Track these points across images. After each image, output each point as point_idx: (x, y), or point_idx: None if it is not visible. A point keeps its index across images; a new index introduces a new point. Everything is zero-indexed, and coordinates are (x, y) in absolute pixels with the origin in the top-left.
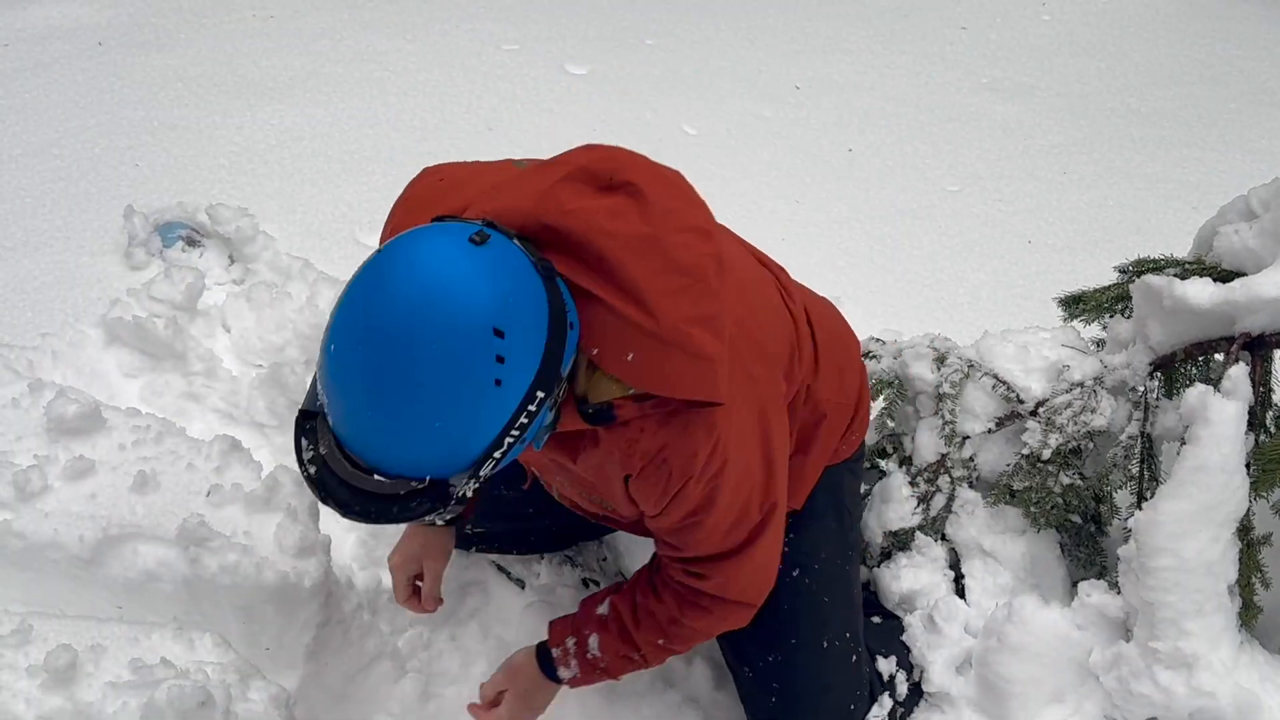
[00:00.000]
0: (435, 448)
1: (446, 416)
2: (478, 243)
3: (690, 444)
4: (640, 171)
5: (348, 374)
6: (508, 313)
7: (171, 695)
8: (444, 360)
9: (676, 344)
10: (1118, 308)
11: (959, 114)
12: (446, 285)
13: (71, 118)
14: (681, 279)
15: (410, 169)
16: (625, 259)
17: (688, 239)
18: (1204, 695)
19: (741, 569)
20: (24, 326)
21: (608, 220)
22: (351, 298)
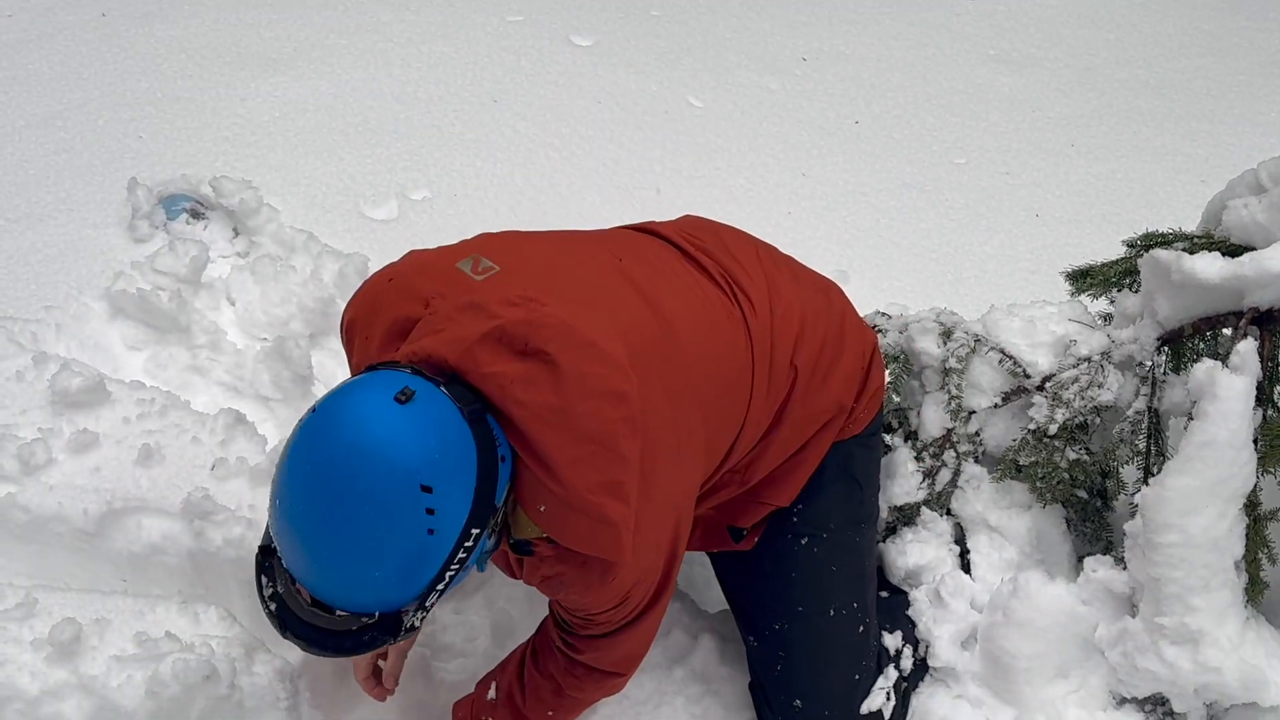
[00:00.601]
0: (379, 590)
1: (385, 565)
2: (402, 401)
3: (587, 579)
4: (555, 339)
5: (293, 522)
6: (434, 468)
7: (176, 668)
8: (377, 517)
9: (580, 510)
10: (1125, 282)
11: (966, 86)
12: (375, 447)
13: (75, 89)
14: (589, 447)
15: (414, 141)
16: (535, 428)
17: (598, 406)
18: (1209, 670)
19: (614, 648)
20: (28, 299)
21: (521, 389)
22: (295, 450)
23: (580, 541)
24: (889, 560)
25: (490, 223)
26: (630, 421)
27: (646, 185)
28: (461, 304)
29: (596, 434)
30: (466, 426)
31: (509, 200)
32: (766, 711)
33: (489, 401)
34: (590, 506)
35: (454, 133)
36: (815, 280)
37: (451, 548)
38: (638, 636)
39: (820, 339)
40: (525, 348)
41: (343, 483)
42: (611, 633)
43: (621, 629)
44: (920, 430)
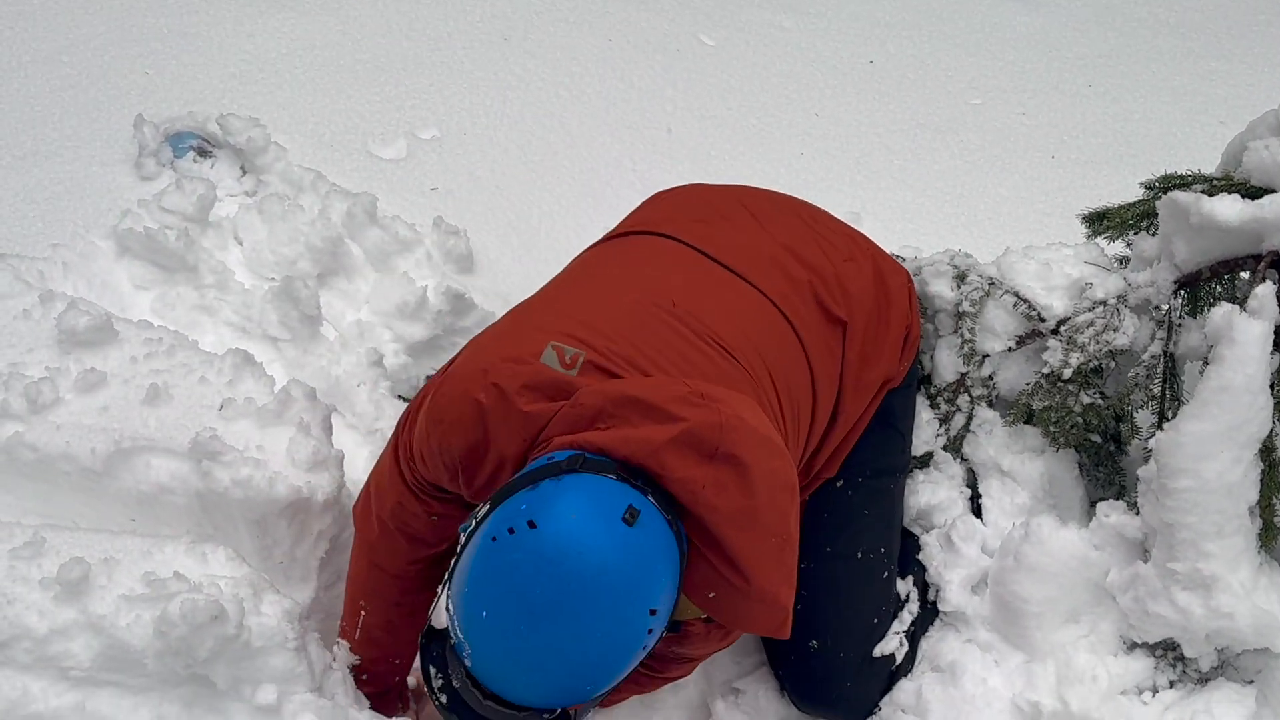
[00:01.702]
0: (578, 692)
1: (598, 675)
2: (630, 523)
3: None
4: (742, 441)
5: (506, 639)
6: (660, 592)
7: (185, 609)
8: (608, 638)
9: (760, 601)
10: (1143, 225)
11: (982, 25)
12: (616, 574)
13: (81, 24)
14: (773, 541)
15: (423, 79)
16: (728, 532)
17: (779, 500)
18: (1222, 616)
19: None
20: (34, 237)
21: (712, 493)
22: (507, 571)
23: (749, 625)
24: None
25: (499, 162)
26: (798, 506)
27: (658, 125)
28: (617, 398)
29: (779, 529)
30: (674, 540)
31: (519, 140)
32: (782, 651)
33: (677, 503)
34: (769, 596)
35: (463, 71)
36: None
37: (648, 651)
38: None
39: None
40: (715, 452)
41: (577, 611)
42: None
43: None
44: (934, 374)
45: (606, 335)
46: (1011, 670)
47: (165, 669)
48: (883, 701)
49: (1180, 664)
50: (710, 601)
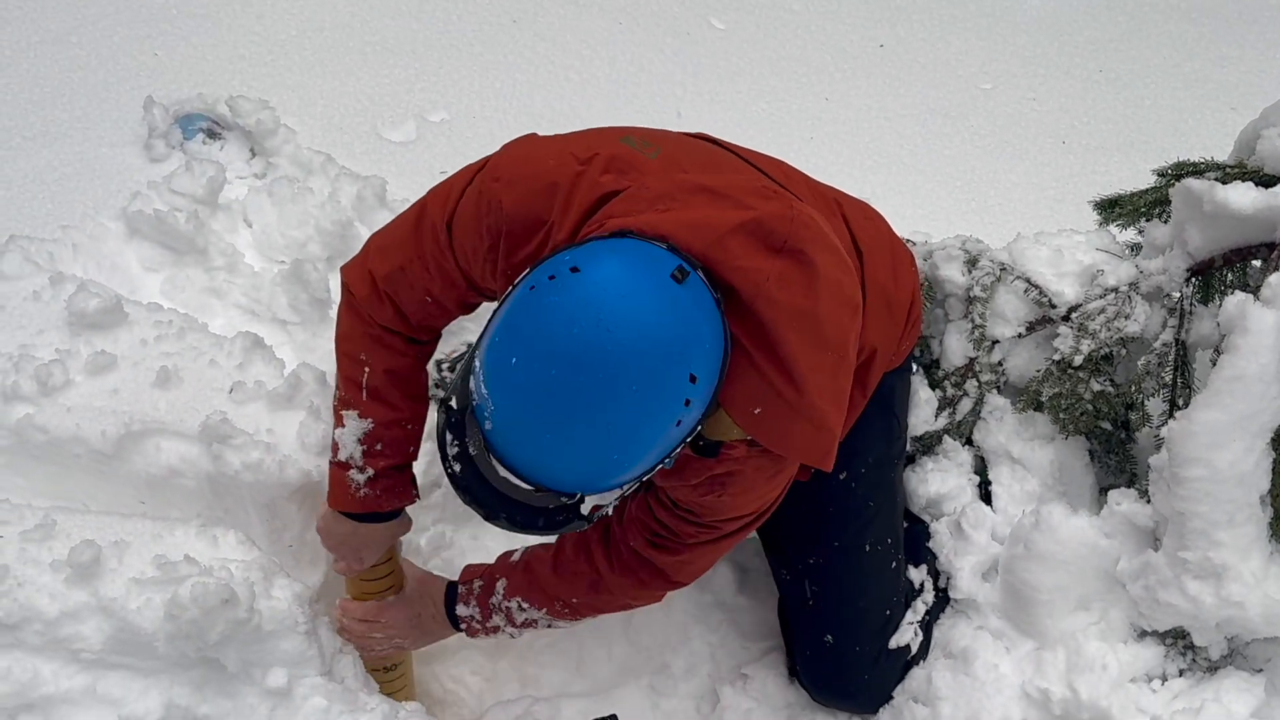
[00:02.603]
0: (601, 471)
1: (625, 450)
2: (679, 280)
3: (756, 480)
4: (814, 238)
5: (530, 391)
6: (702, 359)
7: (195, 592)
8: (641, 401)
9: (809, 418)
10: (1155, 212)
11: (993, 9)
12: (655, 324)
13: (90, 5)
14: (830, 356)
15: (432, 62)
16: (784, 331)
17: (841, 314)
18: (1232, 605)
19: (705, 556)
20: (44, 218)
21: (776, 288)
22: (543, 316)
23: (793, 448)
24: (910, 488)
25: None
26: (858, 334)
27: (667, 108)
28: (688, 185)
29: (837, 343)
30: (720, 320)
31: (528, 123)
32: (797, 645)
33: (735, 295)
34: (819, 415)
35: (473, 53)
36: (862, 208)
37: (681, 440)
38: (725, 550)
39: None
40: (784, 245)
41: (615, 357)
42: (715, 539)
43: (723, 538)
44: (943, 359)
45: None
46: (1022, 657)
47: (176, 652)
48: (895, 690)
49: (1190, 652)
50: (755, 419)
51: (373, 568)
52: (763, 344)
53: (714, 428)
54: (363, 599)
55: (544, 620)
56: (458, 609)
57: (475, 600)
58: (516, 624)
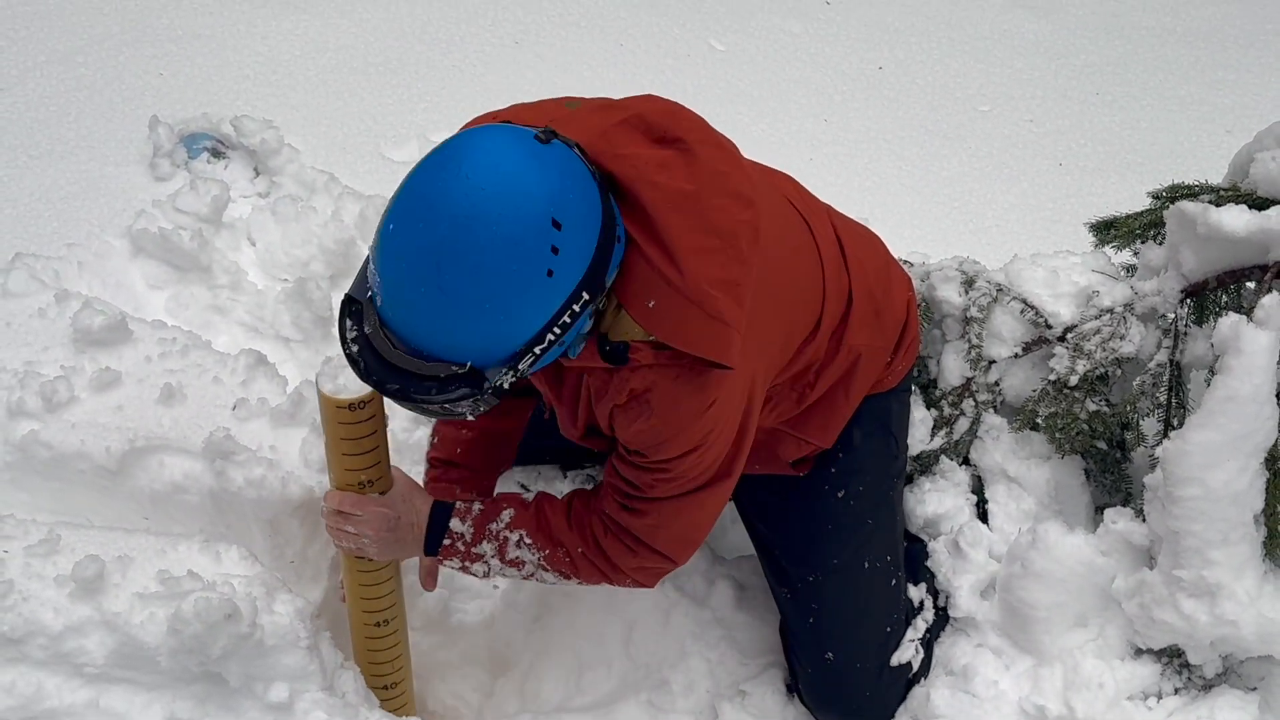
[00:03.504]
0: (481, 332)
1: (497, 299)
2: (542, 141)
3: (677, 395)
4: (694, 131)
5: (405, 252)
6: (566, 208)
7: (198, 607)
8: (502, 244)
9: (697, 302)
10: (1150, 234)
11: (991, 32)
12: (511, 173)
13: (96, 25)
14: (714, 240)
15: (435, 82)
16: (664, 212)
17: (727, 204)
18: (1226, 623)
19: (676, 517)
20: (49, 236)
21: (655, 171)
22: (415, 180)
23: (689, 340)
24: (908, 509)
25: None
26: (753, 228)
27: None
28: (592, 107)
29: (724, 229)
30: (595, 188)
31: None
32: (798, 663)
33: (618, 184)
34: (707, 300)
35: (475, 74)
36: (856, 226)
37: (562, 303)
38: (700, 510)
39: (874, 268)
40: (664, 135)
41: (473, 205)
42: (677, 496)
43: (687, 494)
44: (940, 379)
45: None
46: (1020, 674)
47: (178, 666)
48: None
49: (1185, 671)
50: (650, 313)
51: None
52: (647, 231)
53: (618, 328)
54: (344, 490)
55: (534, 564)
56: (451, 523)
57: (472, 520)
58: (505, 559)
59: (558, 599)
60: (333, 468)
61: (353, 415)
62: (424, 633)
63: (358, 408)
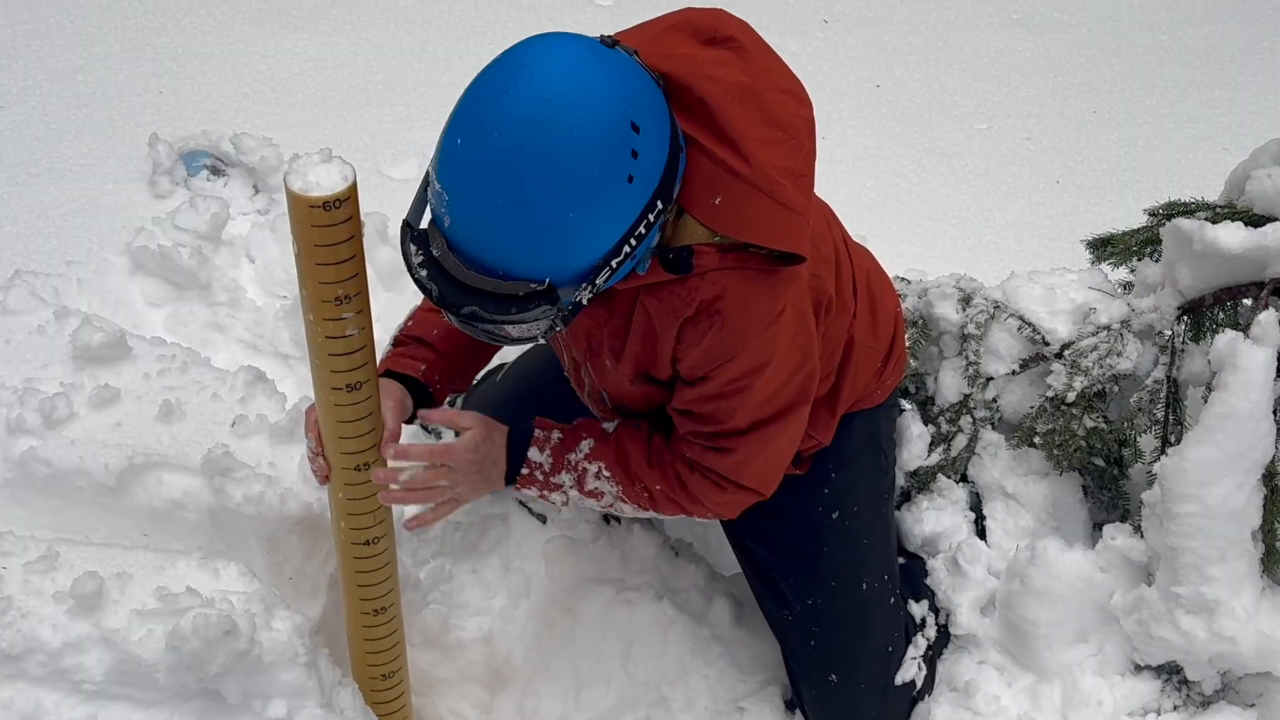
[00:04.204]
0: (562, 245)
1: (580, 209)
2: (608, 44)
3: (750, 298)
4: (742, 30)
5: (478, 165)
6: (641, 110)
7: (197, 623)
8: (585, 149)
9: (766, 190)
10: (1147, 251)
11: (988, 50)
12: (586, 77)
13: (96, 43)
14: (778, 132)
15: (434, 99)
16: (725, 104)
17: (785, 99)
18: (1224, 640)
19: (765, 447)
20: (49, 254)
21: (712, 67)
22: (481, 91)
23: (760, 231)
24: (906, 528)
25: None
26: (810, 123)
27: None
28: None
29: (785, 122)
30: (659, 90)
31: None
32: (802, 685)
33: (674, 84)
34: (777, 187)
35: None
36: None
37: (640, 211)
38: (784, 435)
39: (868, 274)
40: (714, 35)
41: (551, 110)
42: (760, 424)
43: (769, 421)
44: (937, 395)
45: None
46: (1020, 690)
47: (177, 683)
48: None
49: (1184, 687)
50: (716, 210)
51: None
52: (706, 123)
53: (680, 234)
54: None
55: (612, 495)
56: (530, 452)
57: (550, 450)
58: (584, 489)
59: (556, 615)
60: (305, 284)
61: (327, 216)
62: (422, 649)
63: (333, 206)
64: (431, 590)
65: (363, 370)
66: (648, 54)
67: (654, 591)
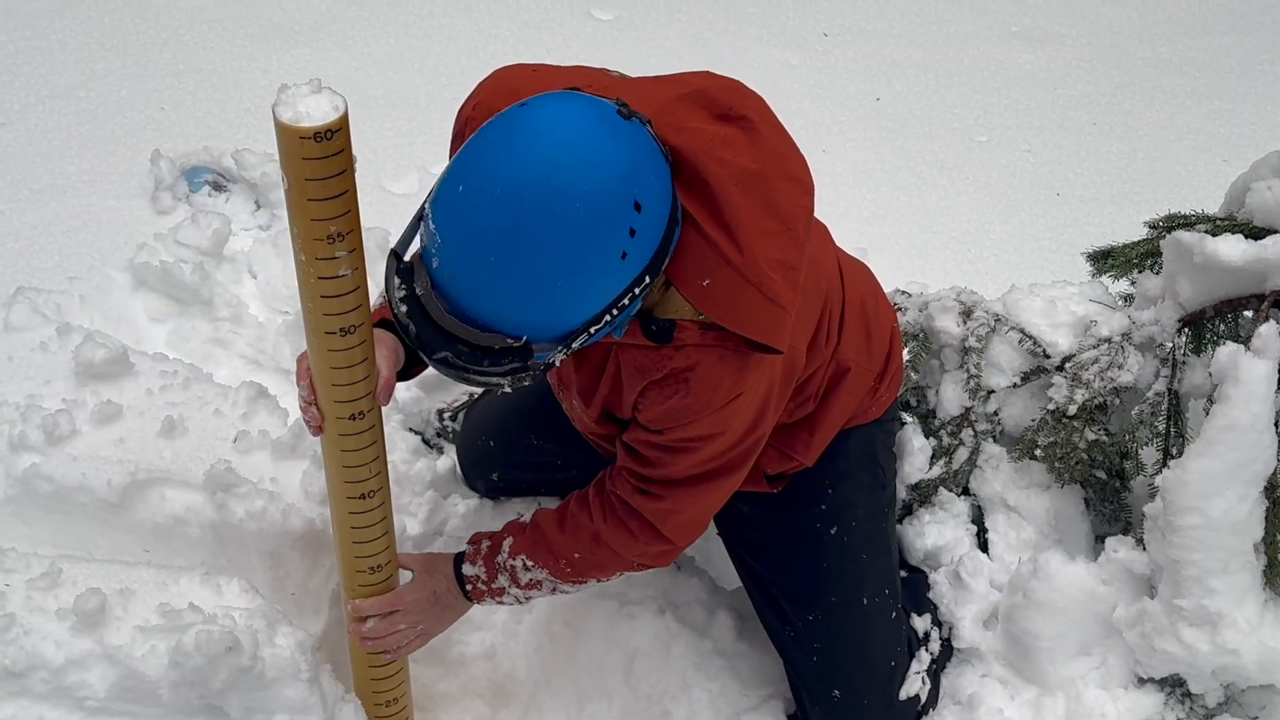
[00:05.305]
0: (546, 308)
1: (568, 278)
2: (624, 116)
3: (719, 375)
4: (757, 110)
5: (477, 222)
6: (645, 189)
7: (199, 639)
8: (585, 221)
9: (755, 283)
10: (1147, 263)
11: (988, 63)
12: (599, 149)
13: (98, 60)
14: (775, 223)
15: (434, 115)
16: (728, 190)
17: (789, 187)
18: (1227, 653)
19: (694, 502)
20: (51, 270)
21: (720, 148)
22: (493, 142)
23: (743, 321)
24: (907, 541)
25: None
26: (809, 214)
27: None
28: (647, 79)
29: (784, 212)
30: (666, 166)
31: None
32: (805, 702)
33: (680, 159)
34: (765, 281)
35: None
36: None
37: (627, 285)
38: (714, 495)
39: (864, 295)
40: (728, 112)
41: (559, 178)
42: (694, 478)
43: (704, 478)
44: (938, 409)
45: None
46: (1024, 704)
47: (180, 699)
48: None
49: (1188, 700)
50: (704, 291)
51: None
52: (708, 207)
53: (665, 306)
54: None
55: (549, 582)
56: (464, 569)
57: (482, 560)
58: (520, 584)
59: (559, 629)
60: (296, 222)
61: (319, 148)
62: (425, 664)
63: (324, 137)
64: None
65: (356, 314)
66: (659, 122)
67: (656, 605)
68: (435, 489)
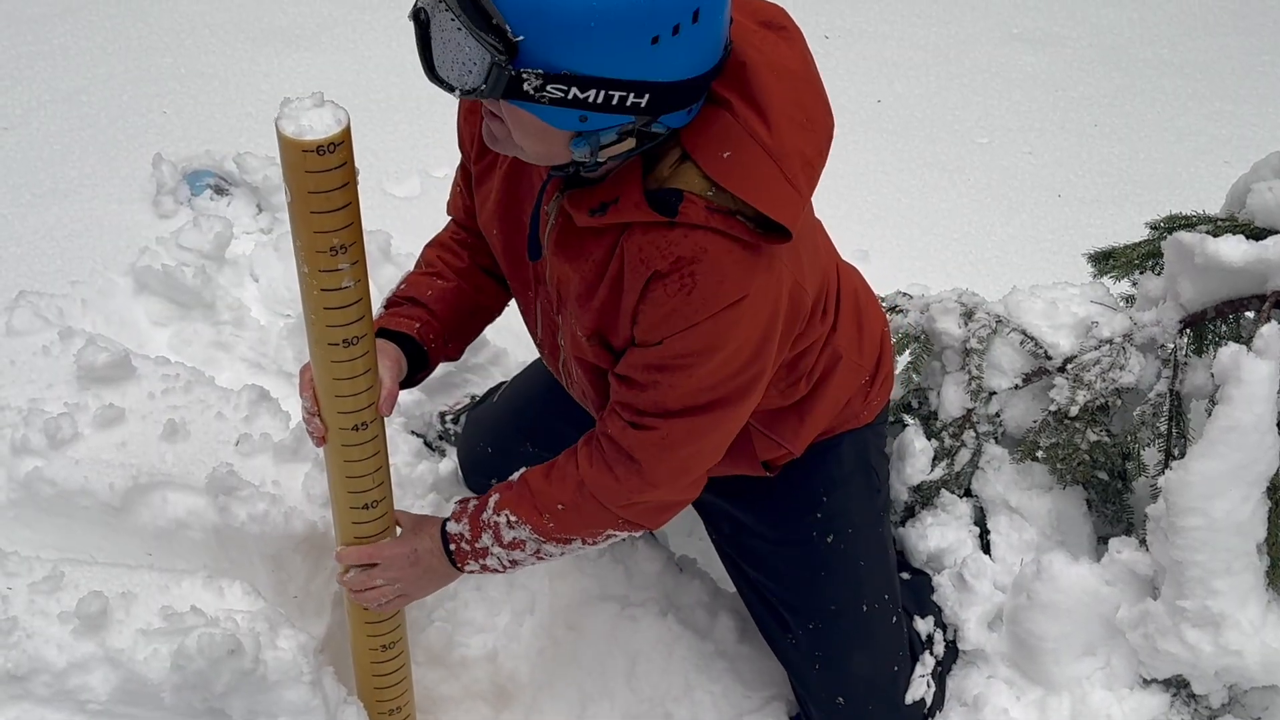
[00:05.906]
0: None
1: (601, 15)
2: None
3: (725, 269)
4: (798, 33)
5: None
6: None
7: (202, 643)
8: None
9: (777, 159)
10: (1148, 264)
11: (989, 65)
12: None
13: (100, 64)
14: (805, 119)
15: (436, 119)
16: (765, 75)
17: (818, 101)
18: (1230, 653)
19: (687, 440)
20: (53, 274)
21: (760, 41)
22: None
23: (758, 193)
24: (910, 544)
25: None
26: (831, 134)
27: None
28: None
29: (816, 118)
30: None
31: None
32: (809, 709)
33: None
34: (788, 160)
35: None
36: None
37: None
38: (711, 433)
39: (854, 291)
40: (771, 21)
41: None
42: (690, 410)
43: (700, 410)
44: (940, 410)
45: None
46: (1029, 704)
47: (182, 702)
48: None
49: (1192, 701)
50: (722, 163)
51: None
52: (742, 89)
53: (675, 177)
54: (357, 544)
55: (532, 541)
56: (448, 526)
57: (467, 518)
58: (504, 542)
59: (561, 632)
60: (299, 234)
61: (321, 161)
62: (426, 667)
63: (326, 150)
64: (436, 608)
65: (359, 324)
66: None
67: (658, 608)
68: (437, 491)
